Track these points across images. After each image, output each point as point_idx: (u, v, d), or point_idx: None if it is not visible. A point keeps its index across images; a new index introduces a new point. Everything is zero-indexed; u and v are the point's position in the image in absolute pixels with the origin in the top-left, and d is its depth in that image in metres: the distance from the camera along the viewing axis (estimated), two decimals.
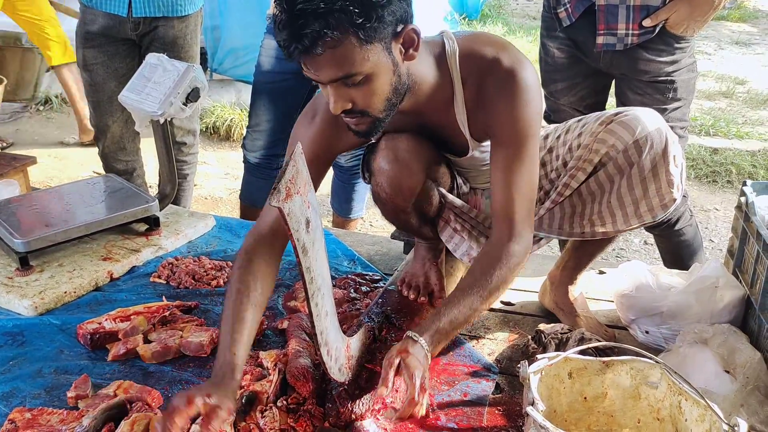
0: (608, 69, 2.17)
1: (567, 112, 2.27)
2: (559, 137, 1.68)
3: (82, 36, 2.68)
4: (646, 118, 1.53)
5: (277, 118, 2.64)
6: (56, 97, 5.12)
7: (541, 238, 1.80)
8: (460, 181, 1.78)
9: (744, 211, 1.76)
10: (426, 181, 1.60)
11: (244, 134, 2.78)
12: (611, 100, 2.38)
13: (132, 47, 2.70)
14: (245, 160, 2.80)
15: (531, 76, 1.42)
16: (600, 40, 2.08)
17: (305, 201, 1.17)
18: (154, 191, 3.00)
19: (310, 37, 1.19)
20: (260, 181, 2.77)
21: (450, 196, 1.70)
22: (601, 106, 2.31)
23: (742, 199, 1.78)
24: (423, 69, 1.42)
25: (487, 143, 1.55)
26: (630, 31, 2.03)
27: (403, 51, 1.33)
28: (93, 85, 2.75)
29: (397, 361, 1.31)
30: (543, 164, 1.67)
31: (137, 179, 2.96)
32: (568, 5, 2.13)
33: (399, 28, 1.29)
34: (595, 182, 1.60)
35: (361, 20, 1.20)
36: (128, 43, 2.68)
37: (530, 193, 1.47)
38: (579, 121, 1.67)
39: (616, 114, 1.56)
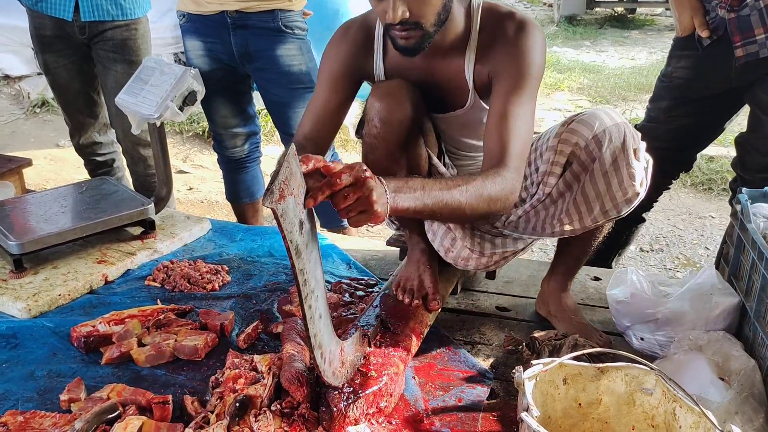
0: (744, 81, 2.15)
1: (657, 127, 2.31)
2: (536, 149, 1.72)
3: (38, 41, 2.64)
4: (604, 114, 1.59)
5: (233, 113, 2.68)
6: (53, 99, 5.11)
7: (518, 240, 1.82)
8: (447, 161, 1.81)
9: (739, 219, 1.76)
10: (414, 127, 1.64)
11: (213, 140, 2.82)
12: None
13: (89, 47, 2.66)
14: (221, 162, 2.85)
15: (538, 32, 1.56)
16: (739, 52, 2.06)
17: (299, 202, 1.16)
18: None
19: None
20: (240, 174, 2.84)
21: (435, 159, 1.75)
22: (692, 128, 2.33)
23: (738, 206, 1.78)
24: (455, 10, 1.56)
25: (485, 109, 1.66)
26: None
27: None
28: (58, 87, 2.74)
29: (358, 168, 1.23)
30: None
31: (117, 171, 2.96)
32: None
33: None
34: (564, 182, 1.64)
35: None
36: (85, 45, 2.64)
37: (525, 133, 1.52)
38: (549, 129, 1.73)
39: (576, 114, 1.64)
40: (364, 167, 1.23)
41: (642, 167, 1.59)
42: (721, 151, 4.52)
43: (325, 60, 1.73)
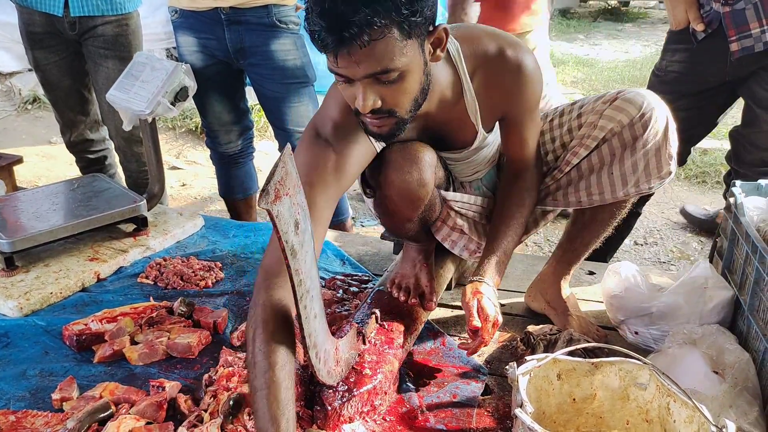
0: (738, 75, 2.14)
1: None
2: (552, 120, 1.74)
3: (27, 37, 2.60)
4: (649, 95, 1.59)
5: (227, 109, 2.67)
6: (45, 95, 5.08)
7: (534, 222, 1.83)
8: (453, 176, 1.79)
9: (733, 212, 1.76)
10: (433, 192, 1.61)
11: (205, 136, 2.82)
12: None
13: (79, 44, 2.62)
14: (214, 158, 2.85)
15: (532, 60, 1.52)
16: (735, 46, 2.05)
17: (294, 202, 1.15)
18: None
19: (358, 23, 1.15)
20: (233, 169, 2.83)
21: (450, 195, 1.71)
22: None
23: (731, 199, 1.78)
24: (436, 69, 1.43)
25: (491, 135, 1.65)
26: (766, 27, 2.01)
27: (432, 51, 1.33)
28: (48, 84, 2.71)
29: (474, 302, 1.46)
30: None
31: (110, 168, 2.94)
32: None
33: (431, 27, 1.29)
34: (597, 156, 1.63)
35: (407, 11, 1.19)
36: (76, 41, 2.60)
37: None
38: (574, 104, 1.72)
39: (619, 92, 1.62)
40: (492, 313, 1.46)
41: (676, 147, 1.61)
42: (715, 144, 4.52)
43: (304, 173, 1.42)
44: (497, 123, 1.64)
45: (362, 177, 1.62)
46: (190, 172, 4.21)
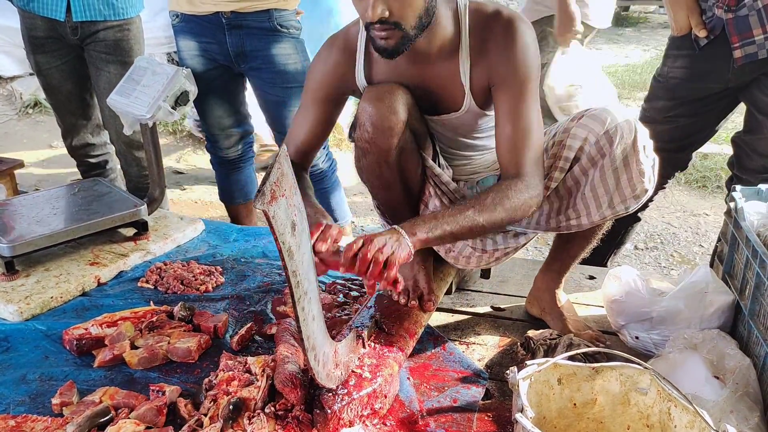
0: (741, 81, 2.14)
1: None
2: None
3: (29, 42, 2.61)
4: (616, 111, 1.58)
5: (227, 113, 2.68)
6: (46, 99, 5.08)
7: (520, 235, 1.81)
8: (443, 161, 1.79)
9: (733, 217, 1.76)
10: (406, 132, 1.61)
11: (206, 140, 2.82)
12: None
13: (81, 48, 2.63)
14: (214, 162, 2.85)
15: (528, 27, 1.55)
16: (738, 53, 2.05)
17: (291, 204, 1.16)
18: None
19: None
20: (234, 174, 2.84)
21: (430, 161, 1.73)
22: (687, 130, 2.32)
23: (732, 204, 1.78)
24: (442, 14, 1.53)
25: (485, 112, 1.64)
26: None
27: None
28: (50, 88, 2.71)
29: (361, 241, 1.40)
30: None
31: (111, 173, 2.94)
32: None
33: None
34: (571, 178, 1.64)
35: None
36: (78, 46, 2.61)
37: (536, 135, 1.55)
38: (553, 124, 1.73)
39: (587, 110, 1.62)
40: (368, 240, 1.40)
41: (650, 164, 1.59)
42: (715, 148, 4.53)
43: (310, 76, 1.72)
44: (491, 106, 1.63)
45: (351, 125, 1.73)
46: (190, 177, 4.21)
